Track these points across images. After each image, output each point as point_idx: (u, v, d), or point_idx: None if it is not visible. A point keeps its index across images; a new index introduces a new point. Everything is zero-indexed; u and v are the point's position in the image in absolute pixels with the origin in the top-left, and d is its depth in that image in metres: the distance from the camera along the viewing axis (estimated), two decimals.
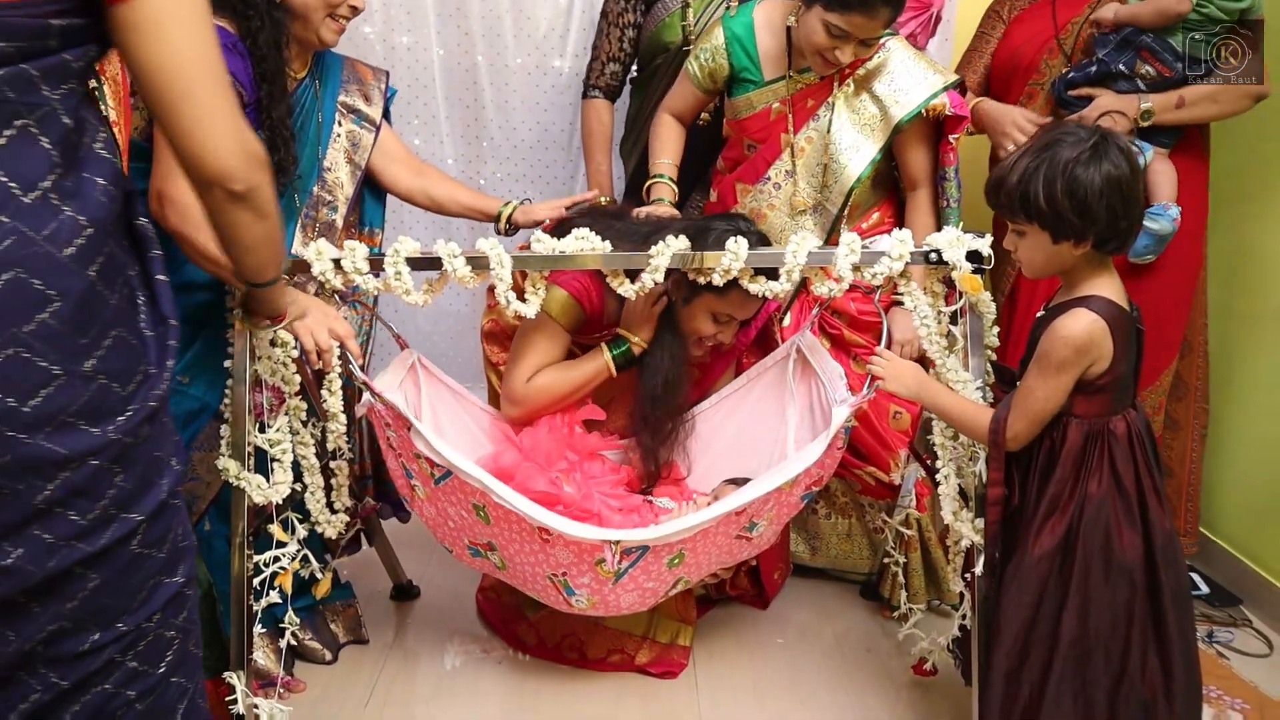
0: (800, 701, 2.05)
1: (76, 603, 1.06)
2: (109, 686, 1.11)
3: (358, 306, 2.17)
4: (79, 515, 1.02)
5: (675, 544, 1.77)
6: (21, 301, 0.93)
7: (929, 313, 1.82)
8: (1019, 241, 1.55)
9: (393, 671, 2.17)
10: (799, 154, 2.20)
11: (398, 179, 2.16)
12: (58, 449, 0.98)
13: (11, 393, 0.94)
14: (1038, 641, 1.57)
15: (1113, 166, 1.43)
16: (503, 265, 1.77)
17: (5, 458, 0.95)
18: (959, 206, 2.20)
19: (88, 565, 1.05)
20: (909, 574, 2.26)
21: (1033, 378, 1.54)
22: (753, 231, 1.97)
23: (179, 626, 1.19)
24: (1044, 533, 1.55)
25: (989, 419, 1.60)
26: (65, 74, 0.97)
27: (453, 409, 2.08)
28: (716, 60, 2.24)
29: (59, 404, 0.97)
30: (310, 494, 1.94)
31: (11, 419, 0.94)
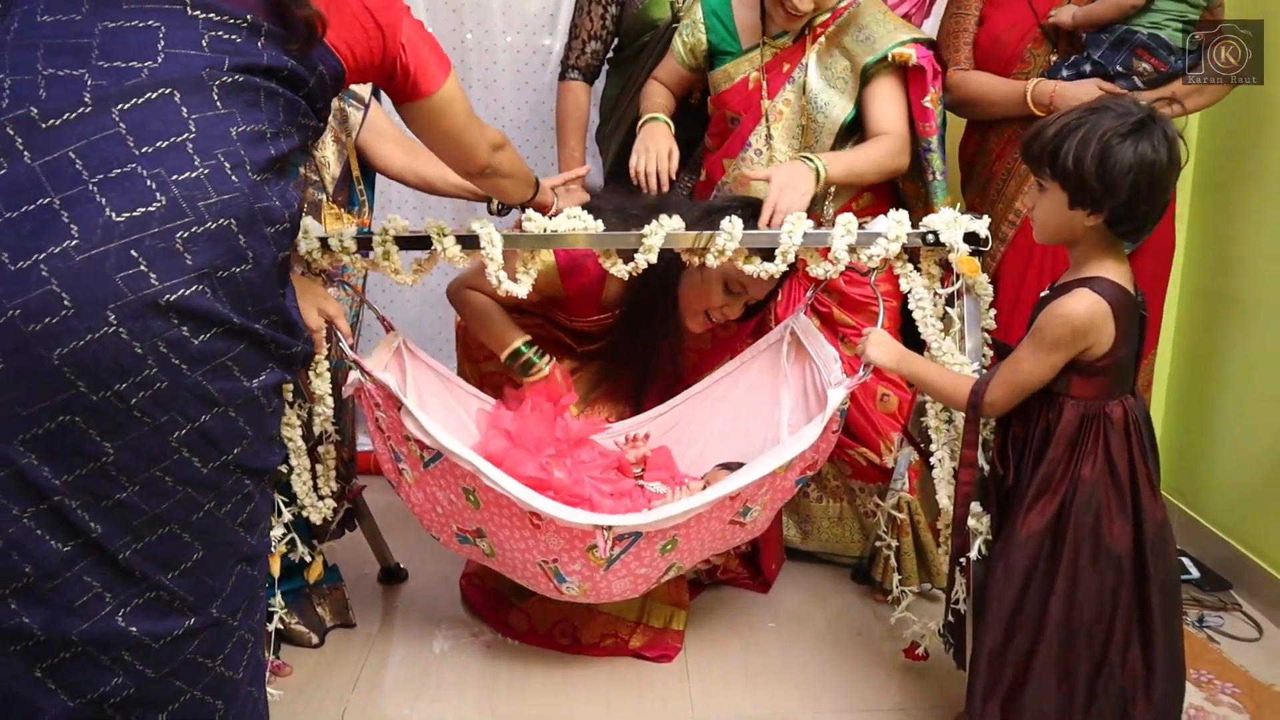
0: (792, 685, 2.04)
1: (178, 573, 1.09)
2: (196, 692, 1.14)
3: (346, 289, 2.13)
4: (201, 463, 1.08)
5: (668, 529, 1.75)
6: (225, 250, 1.06)
7: (925, 295, 1.80)
8: (1039, 198, 1.53)
9: (380, 655, 2.15)
10: (777, 118, 2.19)
11: (388, 158, 2.12)
12: (211, 388, 1.06)
13: (188, 323, 1.03)
14: (1024, 623, 1.56)
15: (1150, 148, 1.40)
16: (493, 244, 1.74)
17: (163, 384, 1.03)
18: (944, 180, 2.16)
19: (190, 530, 1.09)
20: (901, 558, 2.25)
21: (1023, 349, 1.53)
22: (758, 202, 1.94)
23: (253, 628, 1.21)
24: (1033, 513, 1.54)
25: (968, 384, 1.59)
26: (314, 126, 1.25)
27: (439, 393, 2.05)
28: (695, 35, 2.27)
29: (220, 348, 1.07)
30: (296, 477, 1.92)
31: (182, 348, 1.03)
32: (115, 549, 1.04)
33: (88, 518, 1.03)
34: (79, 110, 1.01)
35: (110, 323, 0.99)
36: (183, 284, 1.03)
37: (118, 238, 1.00)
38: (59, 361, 0.98)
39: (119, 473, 1.03)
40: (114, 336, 0.99)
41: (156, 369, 1.02)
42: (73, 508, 1.02)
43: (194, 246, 1.04)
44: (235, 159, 1.08)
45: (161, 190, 1.02)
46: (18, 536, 1.00)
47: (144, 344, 1.01)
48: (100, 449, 1.02)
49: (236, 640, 1.16)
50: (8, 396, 0.98)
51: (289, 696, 1.95)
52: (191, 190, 1.04)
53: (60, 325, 0.97)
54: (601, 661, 2.11)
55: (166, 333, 1.02)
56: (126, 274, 1.00)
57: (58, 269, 0.97)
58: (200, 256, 1.04)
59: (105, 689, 1.07)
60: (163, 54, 1.05)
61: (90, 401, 1.00)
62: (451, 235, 1.75)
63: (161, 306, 1.01)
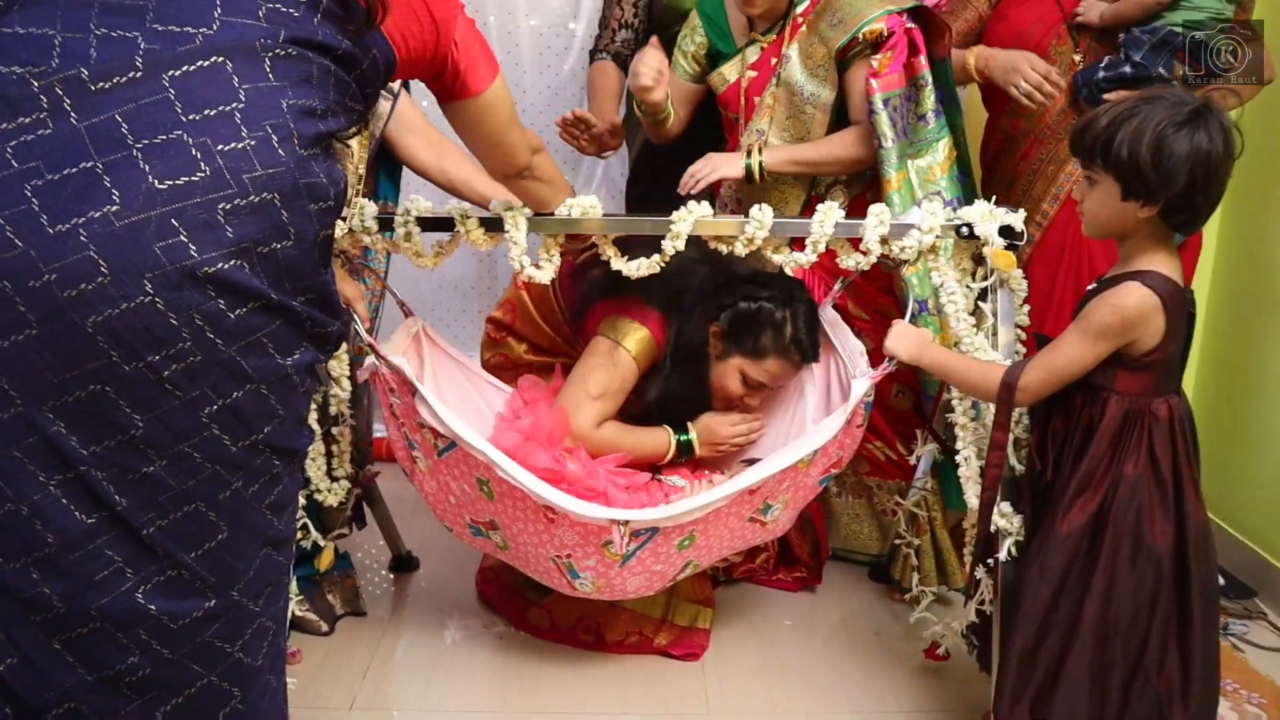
0: (809, 684, 2.00)
1: (201, 553, 1.06)
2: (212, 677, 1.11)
3: (367, 281, 2.10)
4: (231, 441, 1.05)
5: (686, 525, 1.72)
6: (266, 224, 1.03)
7: (956, 289, 1.76)
8: (1088, 191, 1.49)
9: (390, 645, 2.11)
10: (767, 112, 2.17)
11: (414, 152, 2.07)
12: (244, 364, 1.04)
13: (225, 296, 1.00)
14: (1058, 623, 1.52)
15: (1206, 138, 1.36)
16: (517, 227, 1.71)
17: (196, 357, 1.00)
18: (895, 147, 2.02)
19: (217, 509, 1.06)
20: (921, 556, 2.21)
21: (1067, 336, 1.49)
22: (802, 300, 1.97)
23: (275, 615, 1.17)
24: (1073, 510, 1.50)
25: (999, 371, 1.55)
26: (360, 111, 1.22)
27: (456, 381, 2.02)
28: (696, 41, 2.26)
29: (256, 324, 1.04)
30: (310, 460, 1.89)
31: (218, 322, 1.00)
32: (139, 524, 1.02)
33: (113, 490, 1.00)
34: (130, 74, 0.98)
35: (146, 292, 0.96)
36: (221, 257, 1.00)
37: (159, 205, 0.97)
38: (93, 329, 0.95)
39: (147, 446, 1.00)
40: (150, 306, 0.97)
41: (190, 342, 0.99)
42: (99, 479, 0.99)
43: (235, 219, 1.01)
44: (283, 132, 1.05)
45: (206, 160, 1.00)
46: (43, 505, 0.98)
47: (179, 316, 0.98)
48: (130, 421, 0.99)
49: (257, 627, 1.13)
50: (39, 361, 0.95)
51: (299, 684, 1.92)
52: (237, 161, 1.01)
53: (96, 292, 0.95)
54: (617, 657, 2.07)
55: (203, 305, 0.99)
56: (166, 243, 0.97)
57: (96, 234, 0.95)
58: (241, 229, 1.01)
59: (121, 667, 1.04)
60: (219, 21, 1.03)
61: (122, 372, 0.97)
62: (475, 218, 1.72)
63: (199, 278, 0.99)
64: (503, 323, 2.19)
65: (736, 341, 1.96)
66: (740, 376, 1.98)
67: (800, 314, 1.96)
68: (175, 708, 1.08)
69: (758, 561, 2.36)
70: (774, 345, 1.95)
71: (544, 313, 2.14)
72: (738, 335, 1.96)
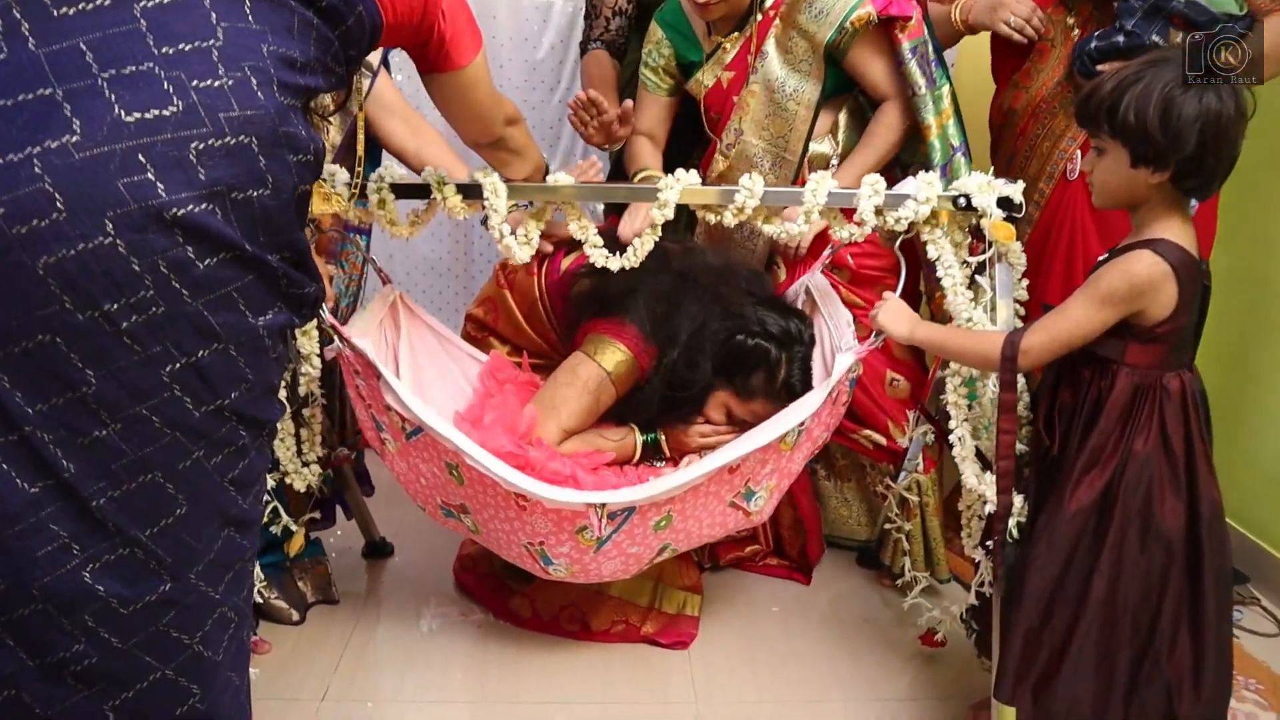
0: (798, 672, 1.94)
1: (156, 530, 0.97)
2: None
3: (344, 265, 2.02)
4: (194, 405, 0.96)
5: (663, 504, 1.65)
6: (243, 170, 0.95)
7: (954, 262, 1.70)
8: (1096, 161, 1.43)
9: (364, 634, 2.03)
10: (744, 110, 2.10)
11: (391, 132, 1.98)
12: (212, 320, 0.95)
13: (194, 243, 0.92)
14: (1063, 602, 1.47)
15: (1216, 99, 1.31)
16: (497, 194, 1.63)
17: (159, 308, 0.92)
18: (929, 93, 1.99)
19: (175, 481, 0.97)
20: (912, 541, 2.15)
21: (1074, 299, 1.43)
22: (803, 343, 1.90)
23: (237, 606, 1.08)
24: (1081, 486, 1.44)
25: (999, 338, 1.49)
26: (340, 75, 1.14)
27: (435, 353, 1.94)
28: (663, 53, 2.20)
29: (226, 277, 0.96)
30: (280, 441, 1.80)
31: (185, 271, 0.92)
32: (89, 494, 0.92)
33: (60, 455, 0.91)
34: (96, 0, 0.90)
35: (107, 232, 0.88)
36: (193, 199, 0.91)
37: (125, 139, 0.88)
38: (44, 271, 0.86)
39: (100, 406, 0.91)
40: (109, 249, 0.88)
41: (153, 291, 0.91)
42: (45, 442, 0.90)
43: (209, 160, 0.92)
44: (264, 76, 0.97)
45: (179, 94, 0.91)
46: None
47: (142, 261, 0.89)
48: (82, 377, 0.90)
49: (218, 617, 1.04)
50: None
51: (267, 675, 1.84)
52: (213, 99, 0.93)
53: (49, 230, 0.86)
54: (600, 645, 2.00)
55: (169, 251, 0.90)
56: (131, 180, 0.88)
57: (53, 166, 0.86)
58: (215, 172, 0.93)
59: (66, 654, 0.95)
60: None
61: (75, 321, 0.88)
62: (452, 184, 1.64)
63: (166, 220, 0.90)
64: (484, 322, 2.11)
65: (726, 375, 1.88)
66: (724, 410, 1.92)
67: (798, 358, 1.89)
68: (125, 703, 0.99)
69: (746, 552, 2.30)
70: (764, 388, 1.89)
71: (527, 313, 2.06)
72: (729, 369, 1.88)
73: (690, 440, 1.91)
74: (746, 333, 1.86)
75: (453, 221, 3.00)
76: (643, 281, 1.79)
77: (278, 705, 1.79)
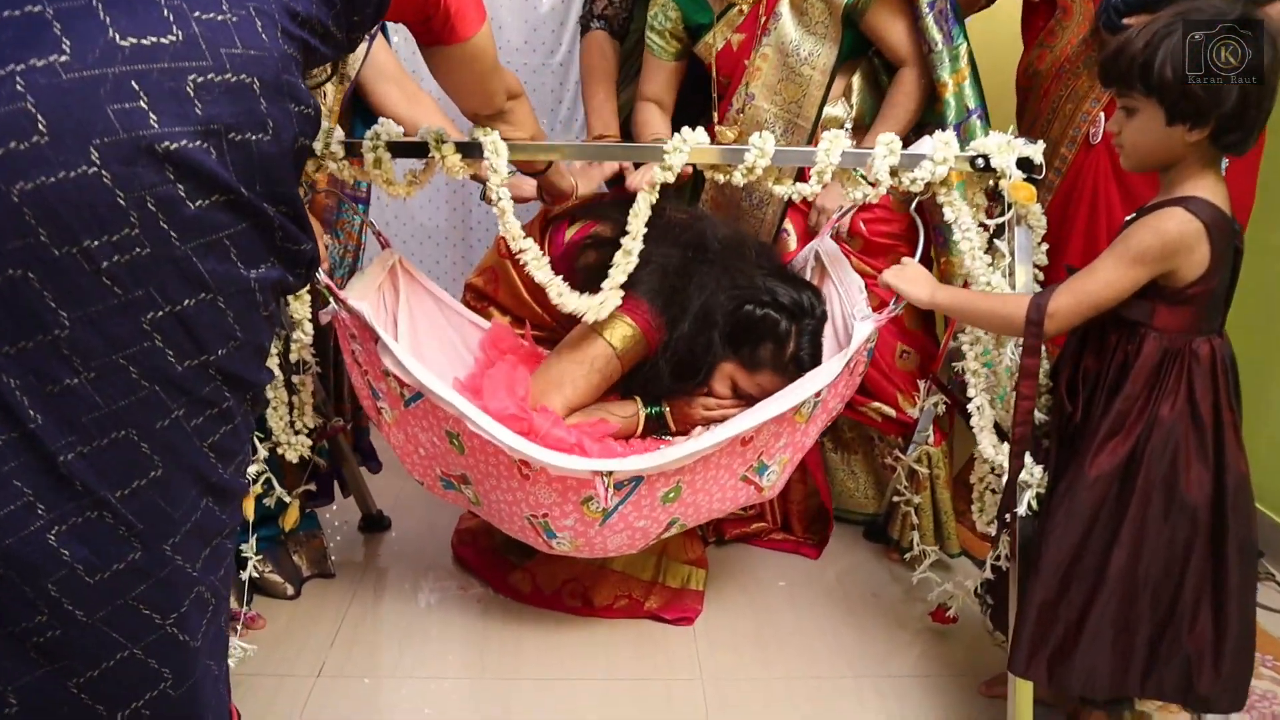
0: (805, 648, 1.90)
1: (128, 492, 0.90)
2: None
3: (340, 235, 1.96)
4: (176, 358, 0.90)
5: (672, 475, 1.60)
6: (242, 110, 0.90)
7: (971, 225, 1.64)
8: (1126, 122, 1.36)
9: (361, 609, 1.98)
10: (755, 74, 2.03)
11: (386, 100, 1.91)
12: (201, 267, 0.89)
13: (186, 181, 0.87)
14: (1082, 573, 1.42)
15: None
16: (497, 153, 1.56)
17: (144, 249, 0.86)
18: (945, 50, 1.93)
19: (151, 440, 0.90)
20: (921, 515, 2.11)
21: (1102, 259, 1.37)
22: (814, 317, 1.83)
23: (215, 586, 1.01)
24: (1103, 453, 1.39)
25: (1024, 301, 1.43)
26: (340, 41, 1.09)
27: (434, 319, 1.88)
28: (669, 17, 2.11)
29: (218, 221, 0.90)
30: (272, 410, 1.74)
31: (174, 211, 0.87)
32: (56, 449, 0.86)
33: (27, 403, 0.84)
34: None
35: (92, 161, 0.81)
36: (187, 134, 0.85)
37: (119, 63, 0.82)
38: (19, 199, 0.80)
39: (73, 352, 0.85)
40: (94, 179, 0.81)
41: (139, 229, 0.84)
42: (11, 387, 0.83)
43: (207, 95, 0.86)
44: (268, 19, 0.91)
45: (180, 23, 0.85)
46: None
47: (129, 195, 0.83)
48: (55, 318, 0.83)
49: (195, 597, 0.97)
50: None
51: (262, 651, 1.79)
52: (215, 33, 0.87)
53: (29, 154, 0.79)
54: (603, 621, 1.96)
55: (159, 187, 0.84)
56: (122, 107, 0.82)
57: (37, 85, 0.79)
58: (213, 108, 0.87)
59: (28, 624, 0.89)
60: None
61: (50, 256, 0.82)
62: (451, 142, 1.57)
63: (158, 154, 0.84)
64: (483, 292, 2.04)
65: (733, 346, 1.82)
66: (730, 382, 1.86)
67: (808, 331, 1.82)
68: (90, 681, 0.93)
69: (753, 528, 2.25)
70: (772, 360, 1.82)
71: (530, 284, 1.98)
72: (736, 340, 1.82)
73: (695, 413, 1.86)
74: (756, 303, 1.80)
75: (451, 188, 2.93)
76: (651, 253, 1.73)
77: (272, 681, 1.74)
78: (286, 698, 1.70)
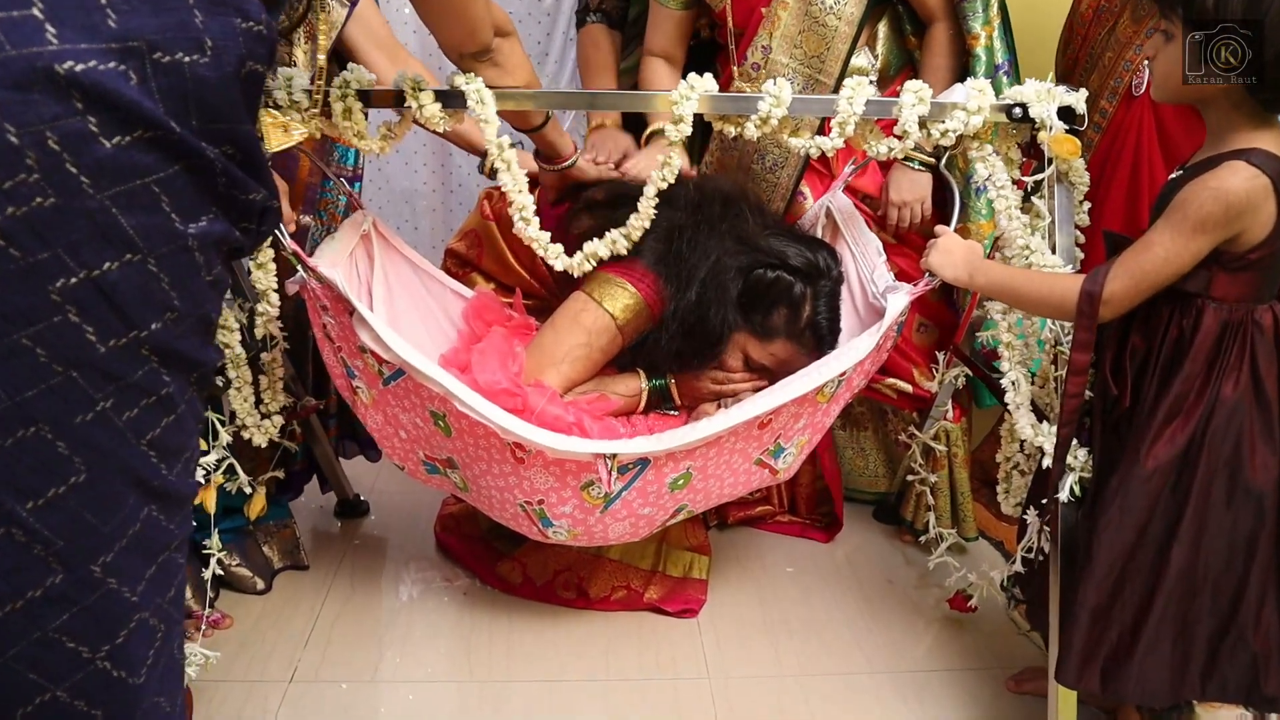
0: (817, 639, 1.77)
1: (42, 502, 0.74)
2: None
3: (323, 215, 1.81)
4: (98, 337, 0.73)
5: (681, 459, 1.45)
6: (171, 22, 0.72)
7: (1007, 182, 1.49)
8: (1163, 47, 1.22)
9: (337, 603, 1.83)
10: (774, 24, 1.85)
11: (372, 63, 1.72)
12: (123, 221, 0.72)
13: (98, 112, 0.70)
14: (1137, 572, 1.29)
15: None
16: (483, 102, 1.39)
17: (48, 199, 0.68)
18: (986, 12, 1.79)
19: (69, 438, 0.74)
20: (937, 495, 1.97)
21: (1157, 232, 1.22)
22: (830, 278, 1.68)
23: (164, 610, 0.84)
24: (1161, 441, 1.26)
25: (1075, 283, 1.28)
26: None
27: (413, 289, 1.71)
28: None
29: (143, 164, 0.73)
30: (236, 391, 1.58)
31: (83, 150, 0.69)
32: None
33: None
34: None
35: None
36: (96, 53, 0.68)
37: None
38: None
39: None
40: None
41: (39, 175, 0.67)
42: None
43: (123, 4, 0.69)
44: None
45: None
46: None
47: (23, 131, 0.66)
48: None
49: (136, 625, 0.80)
50: None
51: (229, 653, 1.64)
52: None
53: None
54: (599, 612, 1.82)
55: (62, 121, 0.67)
56: (8, 16, 0.65)
57: None
58: (130, 20, 0.69)
59: None
60: None
61: None
62: (429, 90, 1.40)
63: (59, 78, 0.66)
64: (465, 257, 1.87)
65: (744, 314, 1.65)
66: (741, 353, 1.70)
67: (824, 294, 1.67)
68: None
69: (757, 511, 2.11)
70: (786, 327, 1.66)
71: (515, 246, 1.82)
72: (746, 307, 1.65)
73: (703, 386, 1.70)
74: (766, 266, 1.65)
75: (430, 148, 2.75)
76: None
77: (240, 689, 1.59)
78: (255, 707, 1.55)
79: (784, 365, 1.66)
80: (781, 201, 1.92)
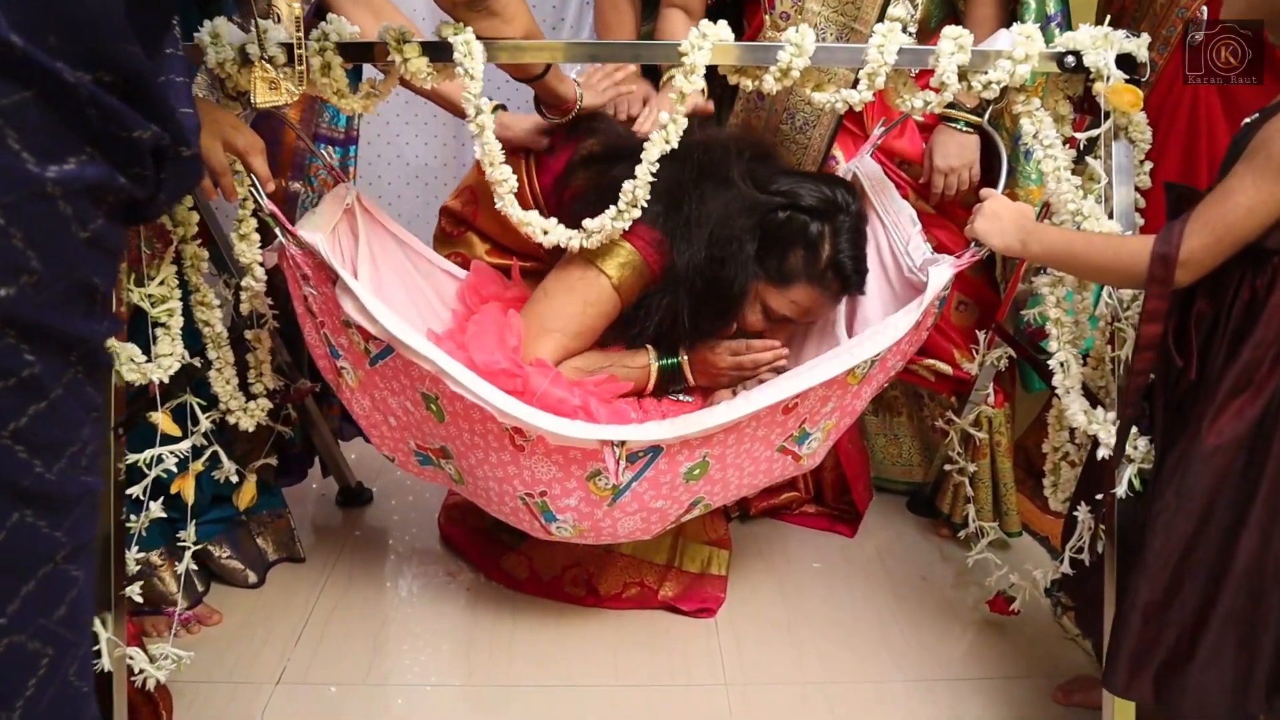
0: (846, 643, 1.64)
1: None
2: None
3: (313, 181, 1.71)
4: None
5: (697, 446, 1.33)
6: None
7: (1056, 140, 1.34)
8: None
9: (331, 599, 1.74)
10: None
11: (357, 23, 1.60)
12: (42, 173, 0.64)
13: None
14: (1197, 566, 1.16)
15: None
16: (470, 55, 1.26)
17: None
18: None
19: None
20: (977, 486, 1.82)
21: (1236, 178, 1.08)
22: (849, 213, 1.54)
23: (53, 634, 0.73)
24: (1226, 414, 1.12)
25: (1144, 245, 1.13)
26: None
27: (402, 268, 1.59)
28: None
29: None
30: (217, 373, 1.47)
31: None
32: None
33: None
34: None
35: None
36: None
37: None
38: None
39: None
40: None
41: None
42: None
43: None
44: None
45: None
46: None
47: None
48: None
49: (6, 652, 0.68)
50: None
51: (214, 652, 1.56)
52: None
53: None
54: (610, 611, 1.70)
55: None
56: None
57: None
58: None
59: None
60: None
61: None
62: (415, 42, 1.28)
63: None
64: (460, 215, 1.75)
65: (759, 262, 1.52)
66: (760, 306, 1.56)
67: (844, 229, 1.52)
68: None
69: (782, 499, 1.98)
70: (805, 269, 1.52)
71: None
72: (760, 254, 1.52)
73: (719, 359, 1.56)
74: (776, 208, 1.51)
75: (441, 121, 2.62)
76: None
77: (223, 690, 1.49)
78: (238, 710, 1.46)
79: (807, 314, 1.54)
80: (813, 165, 1.77)
